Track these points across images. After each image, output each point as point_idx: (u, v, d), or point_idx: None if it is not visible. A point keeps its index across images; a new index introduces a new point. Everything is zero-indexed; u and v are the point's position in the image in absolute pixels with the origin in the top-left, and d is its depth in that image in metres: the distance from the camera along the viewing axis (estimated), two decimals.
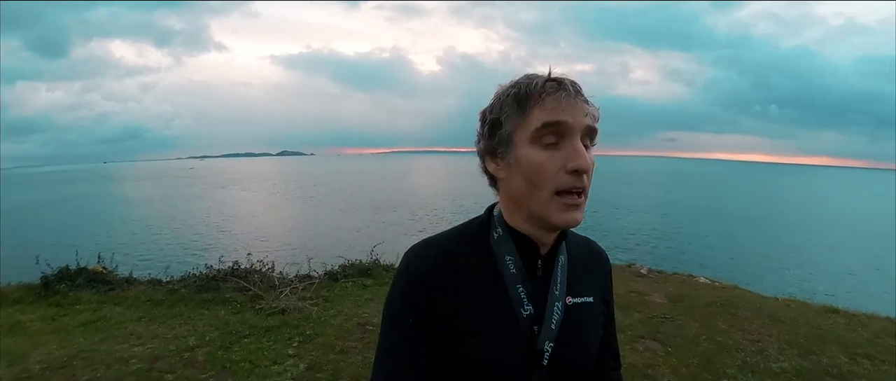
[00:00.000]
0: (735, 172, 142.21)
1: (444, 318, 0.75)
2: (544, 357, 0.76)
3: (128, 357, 3.51)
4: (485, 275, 0.78)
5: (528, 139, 0.73)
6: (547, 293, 0.80)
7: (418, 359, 0.74)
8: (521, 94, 0.74)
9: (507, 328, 0.76)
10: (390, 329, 0.77)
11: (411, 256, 0.79)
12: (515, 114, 0.74)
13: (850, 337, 4.33)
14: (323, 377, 3.08)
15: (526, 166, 0.73)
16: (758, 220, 28.37)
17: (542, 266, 0.80)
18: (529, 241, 0.79)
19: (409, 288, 0.76)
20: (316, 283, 5.23)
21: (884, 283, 13.74)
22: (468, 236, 0.82)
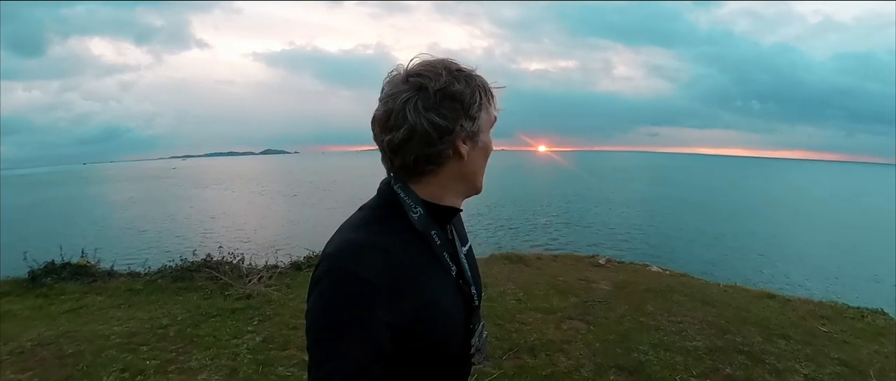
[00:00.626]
0: (716, 166, 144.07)
1: (406, 312, 0.74)
2: (475, 299, 0.91)
3: (108, 334, 4.00)
4: (417, 252, 0.81)
5: (489, 127, 0.88)
6: (456, 250, 0.91)
7: (378, 371, 0.70)
8: (488, 89, 0.87)
9: (449, 290, 0.86)
10: (335, 350, 0.69)
11: (343, 263, 0.74)
12: (487, 105, 0.86)
13: (774, 319, 4.65)
14: (274, 347, 3.61)
15: (487, 149, 0.89)
16: (736, 213, 29.14)
17: (450, 230, 0.92)
18: (450, 212, 0.88)
19: (354, 298, 0.71)
20: (280, 271, 5.79)
21: (857, 271, 14.58)
22: (386, 223, 0.82)
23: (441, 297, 0.83)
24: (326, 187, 43.63)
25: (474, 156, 0.85)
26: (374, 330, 0.71)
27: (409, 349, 0.76)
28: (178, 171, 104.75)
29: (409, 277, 0.77)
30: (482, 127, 0.85)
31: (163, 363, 3.48)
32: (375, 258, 0.75)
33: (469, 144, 0.84)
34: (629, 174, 72.69)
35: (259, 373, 3.22)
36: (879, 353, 3.92)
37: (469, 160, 0.85)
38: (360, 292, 0.71)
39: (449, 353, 0.85)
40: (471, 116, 0.82)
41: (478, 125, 0.83)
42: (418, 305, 0.77)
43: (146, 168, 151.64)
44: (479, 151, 0.86)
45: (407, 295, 0.75)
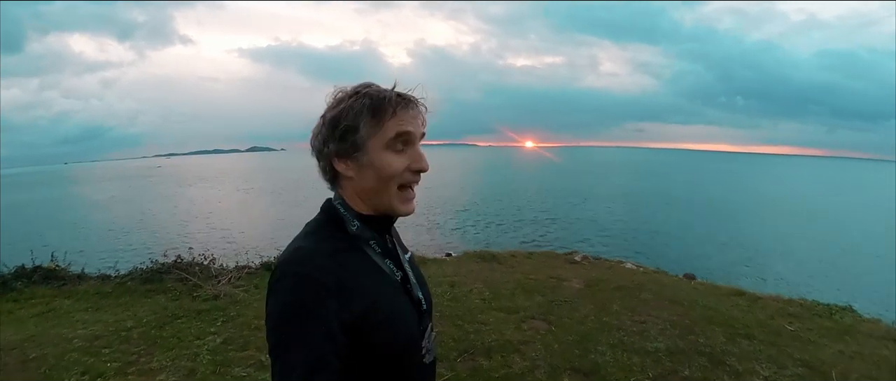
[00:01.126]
0: (700, 161, 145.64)
1: (357, 315, 0.80)
2: (423, 303, 0.97)
3: (71, 338, 4.04)
4: (360, 262, 0.88)
5: (383, 145, 0.86)
6: (399, 258, 0.97)
7: (329, 368, 0.74)
8: (375, 106, 0.85)
9: (396, 296, 0.91)
10: (292, 350, 0.75)
11: (296, 268, 0.80)
12: (371, 123, 0.85)
13: (741, 318, 4.70)
14: (234, 348, 3.69)
15: (379, 167, 0.86)
16: (719, 208, 29.48)
17: (389, 240, 0.97)
18: (385, 222, 0.94)
19: (307, 299, 0.77)
20: (249, 272, 5.86)
21: (836, 265, 14.89)
22: (329, 235, 0.89)
23: (388, 299, 0.87)
24: (313, 185, 43.40)
25: (363, 175, 0.87)
26: (328, 326, 0.76)
27: (362, 346, 0.81)
28: (162, 169, 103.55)
29: (356, 279, 0.83)
30: (367, 146, 0.85)
31: (123, 366, 3.54)
32: (324, 262, 0.81)
33: (348, 163, 0.87)
34: (615, 169, 73.45)
35: (216, 373, 3.30)
36: (844, 353, 3.93)
37: (358, 179, 0.88)
38: (314, 292, 0.77)
39: (401, 352, 0.88)
40: (340, 137, 0.85)
41: (356, 144, 0.85)
42: (366, 305, 0.82)
43: (130, 167, 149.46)
44: (366, 170, 0.86)
45: (355, 295, 0.81)
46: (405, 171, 0.88)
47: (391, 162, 0.86)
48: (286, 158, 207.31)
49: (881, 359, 3.85)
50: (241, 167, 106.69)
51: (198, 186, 46.36)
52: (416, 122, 0.88)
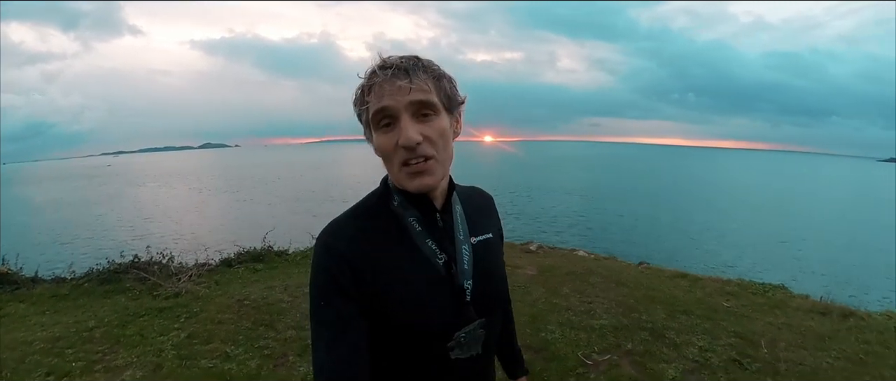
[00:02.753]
0: (654, 154, 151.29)
1: (371, 286, 0.83)
2: (466, 294, 0.89)
3: (31, 340, 4.00)
4: (396, 238, 0.88)
5: (374, 125, 0.85)
6: (453, 240, 0.92)
7: (352, 331, 0.81)
8: (363, 87, 0.85)
9: (429, 280, 0.87)
10: (320, 310, 0.83)
11: (326, 238, 0.86)
12: (362, 105, 0.86)
13: (681, 297, 5.03)
14: (198, 341, 3.78)
15: (376, 148, 0.87)
16: (672, 198, 30.84)
17: (441, 218, 0.92)
18: (426, 199, 0.90)
19: (332, 268, 0.83)
20: (210, 269, 5.91)
21: (777, 249, 15.77)
22: (372, 209, 0.92)
23: (412, 280, 0.86)
24: (269, 182, 42.77)
25: (376, 146, 0.88)
26: (349, 292, 0.82)
27: (380, 319, 0.84)
28: (112, 168, 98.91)
29: (379, 253, 0.85)
30: (369, 126, 0.87)
31: (89, 364, 3.54)
32: (350, 232, 0.86)
33: (369, 143, 0.91)
34: (572, 163, 75.48)
35: (182, 366, 3.39)
36: (773, 324, 4.32)
37: (375, 149, 0.89)
38: (335, 260, 0.83)
39: (417, 338, 0.87)
40: (357, 113, 0.89)
41: (365, 125, 0.89)
42: (383, 280, 0.84)
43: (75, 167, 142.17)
44: (375, 148, 0.88)
45: (372, 268, 0.83)
46: (397, 148, 0.84)
47: (381, 142, 0.85)
48: (240, 155, 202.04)
49: (807, 329, 4.28)
50: (194, 165, 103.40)
51: (149, 186, 44.67)
52: (394, 93, 0.81)
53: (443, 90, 0.86)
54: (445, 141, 0.86)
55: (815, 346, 3.90)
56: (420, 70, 0.83)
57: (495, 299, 0.98)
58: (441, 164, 0.86)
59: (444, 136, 0.85)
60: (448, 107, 0.87)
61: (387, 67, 0.82)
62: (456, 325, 0.88)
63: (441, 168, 0.86)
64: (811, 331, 4.23)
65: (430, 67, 0.85)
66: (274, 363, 3.41)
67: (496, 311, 0.98)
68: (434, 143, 0.84)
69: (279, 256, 6.50)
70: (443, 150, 0.86)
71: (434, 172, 0.85)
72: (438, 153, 0.85)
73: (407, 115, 0.81)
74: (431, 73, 0.84)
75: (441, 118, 0.85)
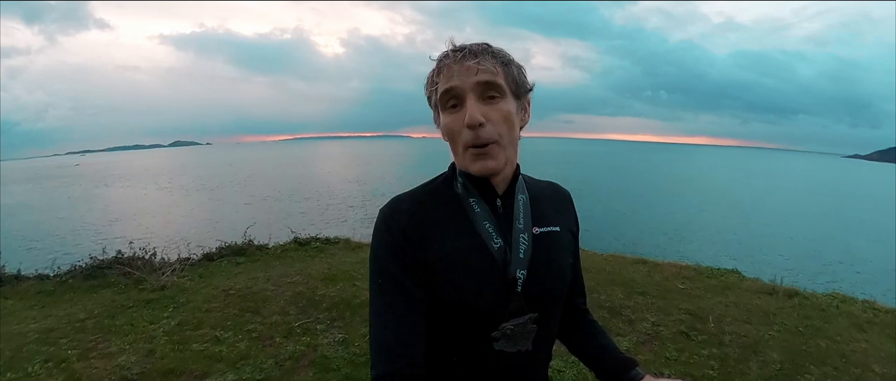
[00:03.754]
0: (627, 150, 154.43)
1: (425, 261, 0.85)
2: (518, 284, 0.87)
3: (25, 332, 4.14)
4: (455, 219, 0.89)
5: (441, 106, 0.87)
6: (512, 227, 0.91)
7: (409, 302, 0.84)
8: (434, 68, 0.88)
9: (481, 262, 0.86)
10: (380, 276, 0.86)
11: (387, 211, 0.90)
12: (433, 86, 0.88)
13: (639, 280, 5.38)
14: (189, 327, 3.99)
15: (443, 129, 0.89)
16: (643, 192, 31.80)
17: (501, 204, 0.92)
18: (487, 183, 0.91)
19: (391, 239, 0.86)
20: (193, 263, 6.07)
21: (741, 239, 16.45)
22: (435, 189, 0.94)
23: (464, 262, 0.86)
24: (242, 181, 42.39)
25: (442, 126, 0.90)
26: (407, 265, 0.85)
27: (430, 295, 0.86)
28: (80, 168, 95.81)
29: (435, 231, 0.87)
30: (438, 105, 0.89)
31: (83, 352, 3.69)
32: (410, 207, 0.89)
33: (438, 127, 0.93)
34: (546, 159, 76.72)
35: (175, 350, 3.59)
36: (722, 303, 4.75)
37: (442, 130, 0.91)
38: (392, 231, 0.86)
39: (462, 321, 0.87)
40: (427, 95, 0.92)
41: (434, 107, 0.92)
42: (436, 259, 0.85)
43: (41, 167, 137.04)
44: (442, 131, 0.91)
45: (427, 244, 0.86)
46: (463, 129, 0.84)
47: (447, 122, 0.87)
48: (212, 153, 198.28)
49: (754, 307, 4.71)
50: (165, 164, 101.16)
51: (118, 186, 43.67)
52: (462, 74, 0.83)
53: (510, 75, 0.87)
54: (510, 125, 0.86)
55: (760, 321, 4.33)
56: (488, 54, 0.85)
57: (551, 294, 0.94)
58: (504, 148, 0.87)
59: (509, 120, 0.86)
60: (515, 92, 0.88)
61: (457, 50, 0.84)
62: (503, 314, 0.87)
63: (504, 153, 0.87)
64: (757, 308, 4.66)
65: (499, 52, 0.87)
66: (262, 344, 3.65)
67: (552, 307, 0.95)
68: (498, 126, 0.84)
69: (260, 249, 6.69)
70: (507, 134, 0.86)
71: (497, 156, 0.86)
72: (502, 137, 0.86)
73: (473, 95, 0.83)
74: (500, 57, 0.86)
75: (507, 102, 0.86)
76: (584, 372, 3.22)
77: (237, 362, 3.34)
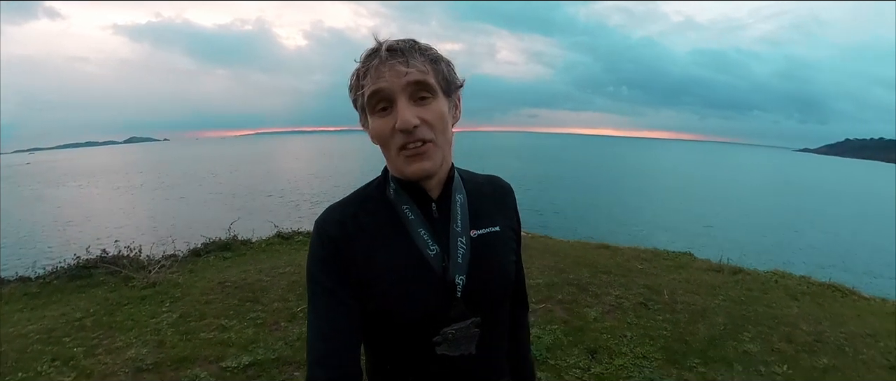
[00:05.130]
0: (589, 144, 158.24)
1: (359, 272, 0.84)
2: (457, 290, 0.85)
3: (25, 333, 4.20)
4: (389, 227, 0.88)
5: (370, 109, 0.84)
6: (446, 232, 0.89)
7: (343, 313, 0.83)
8: (358, 70, 0.84)
9: (417, 270, 0.85)
10: (314, 290, 0.86)
11: (320, 222, 0.88)
12: (358, 90, 0.84)
13: (603, 262, 5.96)
14: (192, 319, 4.21)
15: (372, 133, 0.85)
16: (605, 183, 33.09)
17: (436, 208, 0.90)
18: (420, 188, 0.88)
19: (323, 251, 0.85)
20: (180, 260, 6.24)
21: (696, 227, 17.42)
22: (368, 196, 0.92)
23: (400, 269, 0.85)
24: (203, 177, 41.53)
25: (372, 130, 0.86)
26: (340, 276, 0.84)
27: (367, 306, 0.85)
28: (31, 167, 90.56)
29: (369, 241, 0.86)
30: (366, 110, 0.86)
31: (89, 349, 3.78)
32: (342, 218, 0.88)
33: (364, 121, 0.89)
34: (511, 153, 78.05)
35: (184, 340, 3.81)
36: (676, 279, 5.38)
37: (371, 134, 0.87)
38: (326, 243, 0.85)
39: (402, 331, 0.87)
40: (353, 99, 0.88)
41: (361, 110, 0.88)
42: (371, 268, 0.84)
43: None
44: (371, 133, 0.87)
45: (361, 256, 0.85)
46: (394, 132, 0.82)
47: (377, 126, 0.84)
48: (170, 150, 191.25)
49: (702, 282, 5.34)
50: (120, 161, 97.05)
51: (70, 186, 41.86)
52: (389, 75, 0.79)
53: (440, 73, 0.84)
54: (444, 125, 0.84)
55: (707, 293, 4.94)
56: (417, 52, 0.82)
57: (494, 297, 0.93)
58: (440, 148, 0.85)
59: (443, 119, 0.84)
60: (446, 90, 0.86)
61: (382, 49, 0.81)
62: (443, 320, 0.86)
63: (440, 153, 0.85)
64: (705, 283, 5.29)
65: (427, 49, 0.84)
66: (269, 329, 3.95)
67: (495, 310, 0.94)
68: (432, 126, 0.82)
69: (244, 244, 6.91)
70: (441, 134, 0.84)
71: (433, 157, 0.83)
72: (437, 137, 0.83)
73: (403, 97, 0.80)
74: (428, 55, 0.83)
75: (439, 101, 0.84)
76: (559, 337, 3.71)
77: (248, 345, 3.63)
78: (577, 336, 3.76)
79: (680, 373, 3.25)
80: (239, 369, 3.28)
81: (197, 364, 3.41)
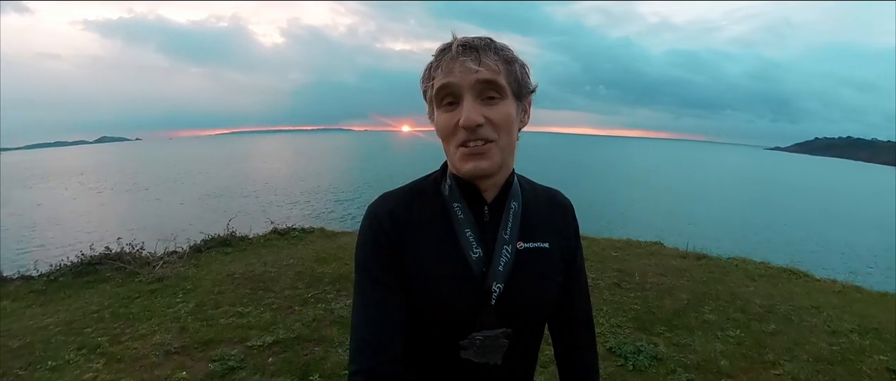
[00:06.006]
0: (567, 143, 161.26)
1: (404, 262, 0.86)
2: (492, 297, 0.85)
3: (45, 326, 4.34)
4: (438, 222, 0.89)
5: (437, 103, 0.84)
6: (493, 236, 0.88)
7: (389, 300, 0.85)
8: (431, 63, 0.85)
9: (456, 269, 0.86)
10: (362, 273, 0.88)
11: (373, 207, 0.91)
12: (429, 81, 0.85)
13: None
14: (209, 307, 4.50)
15: (437, 126, 0.86)
16: (582, 180, 34.10)
17: (488, 212, 0.90)
18: (475, 189, 0.89)
19: (372, 235, 0.87)
20: (180, 255, 6.47)
21: (671, 219, 18.25)
22: (423, 188, 0.94)
23: (440, 266, 0.86)
24: (177, 178, 40.99)
25: (436, 124, 0.87)
26: (388, 264, 0.86)
27: (408, 296, 0.86)
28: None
29: (417, 232, 0.88)
30: (433, 103, 0.86)
31: (113, 338, 3.94)
32: (395, 208, 0.89)
33: (431, 114, 0.89)
34: None
35: (205, 326, 4.10)
36: (646, 264, 5.96)
37: (436, 127, 0.88)
38: (376, 231, 0.87)
39: (430, 321, 0.87)
40: (423, 90, 0.88)
41: (429, 103, 0.88)
42: (412, 263, 0.86)
43: None
44: (435, 126, 0.88)
45: (406, 249, 0.86)
46: (457, 128, 0.81)
47: (442, 120, 0.84)
48: (143, 150, 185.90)
49: (670, 266, 5.93)
50: (92, 161, 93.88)
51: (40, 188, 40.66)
52: (460, 71, 0.80)
53: (513, 74, 0.84)
54: (509, 127, 0.83)
55: (674, 275, 5.53)
56: (491, 51, 0.81)
57: (528, 312, 0.92)
58: (501, 150, 0.84)
59: (508, 121, 0.83)
60: (517, 93, 0.85)
61: (457, 44, 0.81)
62: (472, 324, 0.86)
63: (500, 154, 0.84)
64: (673, 267, 5.89)
65: (502, 49, 0.83)
66: (285, 313, 4.31)
67: (527, 326, 0.92)
68: (497, 127, 0.81)
69: (242, 240, 7.18)
70: (505, 135, 0.83)
71: (492, 157, 0.83)
72: (500, 138, 0.83)
73: (471, 94, 0.80)
74: (503, 55, 0.83)
75: (507, 103, 0.83)
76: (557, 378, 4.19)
77: (267, 327, 3.99)
78: None
79: (649, 337, 3.81)
80: (264, 347, 3.65)
81: (223, 345, 3.74)
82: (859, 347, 3.77)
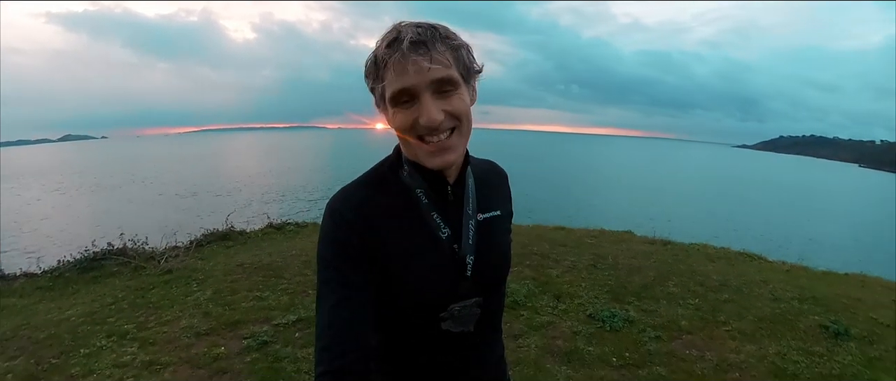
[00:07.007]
0: (541, 140, 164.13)
1: (375, 254, 0.86)
2: (467, 269, 0.91)
3: (67, 317, 4.39)
4: (402, 208, 0.91)
5: (390, 103, 0.84)
6: (461, 214, 0.94)
7: (355, 297, 0.84)
8: (377, 61, 0.82)
9: (430, 250, 0.90)
10: (327, 271, 0.86)
11: (334, 203, 0.89)
12: (377, 80, 0.84)
13: (559, 239, 7.09)
14: (226, 293, 4.79)
15: (394, 124, 0.86)
16: (557, 178, 35.18)
17: (452, 191, 0.94)
18: (439, 174, 0.91)
19: (337, 232, 0.87)
20: (185, 249, 6.74)
21: (644, 212, 19.19)
22: (381, 178, 0.95)
23: (416, 251, 0.89)
24: (147, 177, 40.33)
25: (394, 122, 0.87)
26: (354, 259, 0.86)
27: (381, 287, 0.88)
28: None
29: (384, 222, 0.89)
30: (386, 100, 0.85)
31: (140, 325, 4.10)
32: (358, 201, 0.90)
33: (385, 114, 0.89)
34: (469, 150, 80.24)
35: (228, 310, 4.38)
36: (618, 249, 6.58)
37: (393, 125, 0.88)
38: (342, 226, 0.87)
39: (415, 308, 0.91)
40: (371, 87, 0.88)
41: (379, 97, 0.87)
42: (388, 250, 0.88)
43: None
44: (391, 123, 0.88)
45: (379, 238, 0.88)
46: (415, 124, 0.83)
47: (400, 119, 0.84)
48: (109, 148, 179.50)
49: (639, 250, 6.61)
50: (56, 160, 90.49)
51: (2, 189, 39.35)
52: (414, 71, 0.78)
53: (461, 61, 0.84)
54: (467, 114, 0.85)
55: (642, 257, 6.19)
56: (439, 42, 0.80)
57: (495, 277, 0.99)
58: (462, 137, 0.87)
59: (466, 110, 0.85)
60: (466, 78, 0.86)
61: (404, 39, 0.78)
62: (452, 297, 0.91)
63: (462, 143, 0.88)
64: (641, 251, 6.57)
65: (448, 37, 0.83)
66: (302, 296, 4.69)
67: (494, 290, 1.00)
68: (456, 118, 0.84)
69: (241, 234, 7.49)
70: (465, 123, 0.86)
71: (457, 148, 0.86)
72: (462, 127, 0.85)
73: (427, 92, 0.80)
74: (449, 44, 0.82)
75: (461, 91, 0.84)
76: (532, 289, 4.77)
77: (288, 308, 4.38)
78: (545, 287, 4.90)
79: (622, 306, 4.47)
80: (289, 324, 4.06)
81: (250, 325, 4.09)
82: (798, 310, 4.49)
